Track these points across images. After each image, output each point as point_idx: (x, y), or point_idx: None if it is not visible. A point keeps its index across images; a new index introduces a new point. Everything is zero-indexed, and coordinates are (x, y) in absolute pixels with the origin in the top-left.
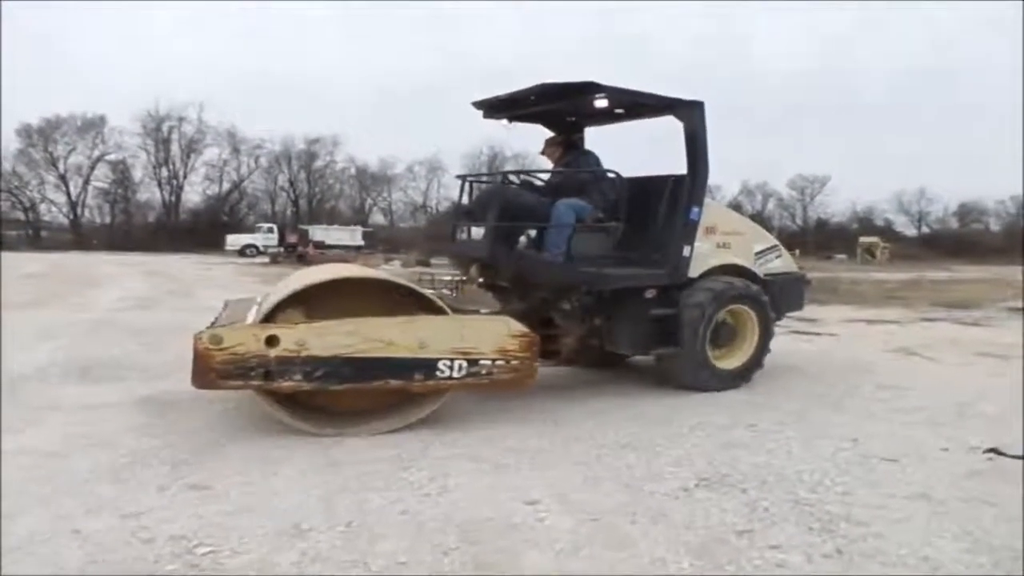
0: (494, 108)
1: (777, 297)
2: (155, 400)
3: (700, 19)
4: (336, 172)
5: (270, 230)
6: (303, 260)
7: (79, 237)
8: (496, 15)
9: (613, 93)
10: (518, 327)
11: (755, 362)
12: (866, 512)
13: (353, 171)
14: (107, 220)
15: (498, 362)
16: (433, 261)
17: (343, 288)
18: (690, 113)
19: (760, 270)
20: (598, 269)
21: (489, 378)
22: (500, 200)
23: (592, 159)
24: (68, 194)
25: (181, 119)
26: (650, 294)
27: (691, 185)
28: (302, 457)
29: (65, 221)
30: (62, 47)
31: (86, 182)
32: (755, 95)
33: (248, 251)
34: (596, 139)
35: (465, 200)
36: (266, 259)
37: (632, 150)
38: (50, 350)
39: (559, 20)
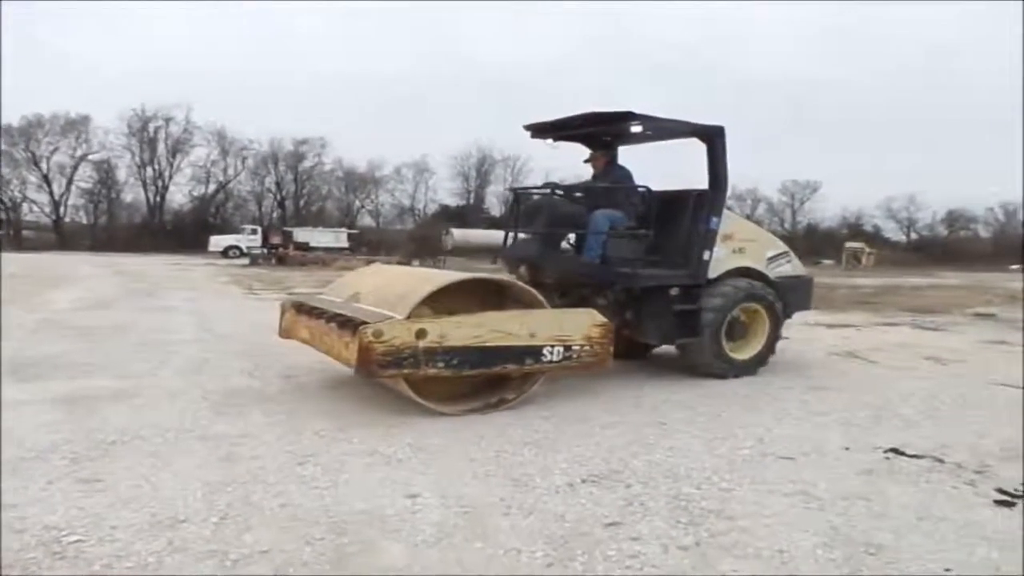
0: (542, 130)
1: (786, 298)
2: (71, 398)
3: (694, 22)
4: (324, 174)
5: (253, 231)
6: (282, 262)
7: (62, 238)
8: (486, 17)
9: (646, 120)
10: (600, 318)
11: (765, 354)
12: (740, 507)
13: (341, 173)
14: (91, 221)
15: (585, 347)
16: (415, 263)
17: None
18: (712, 136)
19: (771, 273)
20: (630, 270)
21: (578, 361)
22: (547, 209)
23: (627, 174)
24: (51, 194)
25: (168, 119)
26: (674, 292)
27: (712, 198)
28: (201, 453)
29: (48, 221)
30: (47, 46)
31: (69, 182)
32: (747, 102)
33: (231, 252)
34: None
35: (512, 210)
36: (246, 260)
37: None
38: None
39: (548, 21)
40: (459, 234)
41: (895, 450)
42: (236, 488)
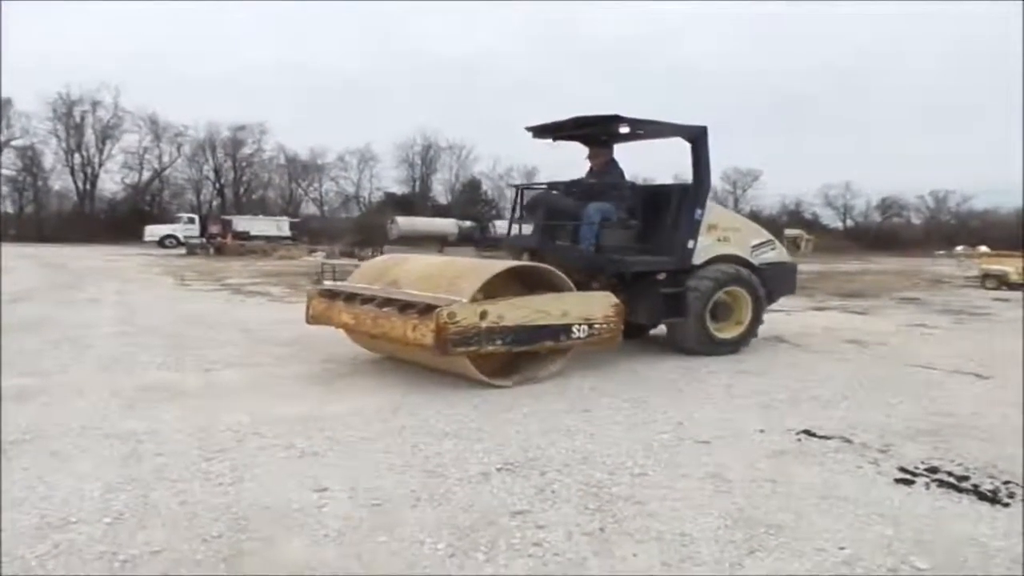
0: (543, 131)
1: (770, 283)
2: None
3: (633, 14)
4: (264, 161)
5: (191, 220)
6: (220, 252)
7: None
8: (432, 7)
9: (633, 122)
10: (615, 299)
11: (748, 334)
12: (650, 492)
13: (282, 160)
14: (16, 210)
15: (604, 326)
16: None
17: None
18: (695, 135)
19: (756, 260)
20: (621, 257)
21: (599, 338)
22: (546, 204)
23: (619, 171)
24: None
25: (96, 103)
26: (661, 276)
27: (695, 192)
28: (104, 452)
29: None
30: None
31: None
32: (687, 91)
33: (168, 242)
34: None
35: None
36: (183, 250)
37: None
38: None
39: (491, 15)
40: (404, 222)
41: (807, 431)
42: (136, 487)
